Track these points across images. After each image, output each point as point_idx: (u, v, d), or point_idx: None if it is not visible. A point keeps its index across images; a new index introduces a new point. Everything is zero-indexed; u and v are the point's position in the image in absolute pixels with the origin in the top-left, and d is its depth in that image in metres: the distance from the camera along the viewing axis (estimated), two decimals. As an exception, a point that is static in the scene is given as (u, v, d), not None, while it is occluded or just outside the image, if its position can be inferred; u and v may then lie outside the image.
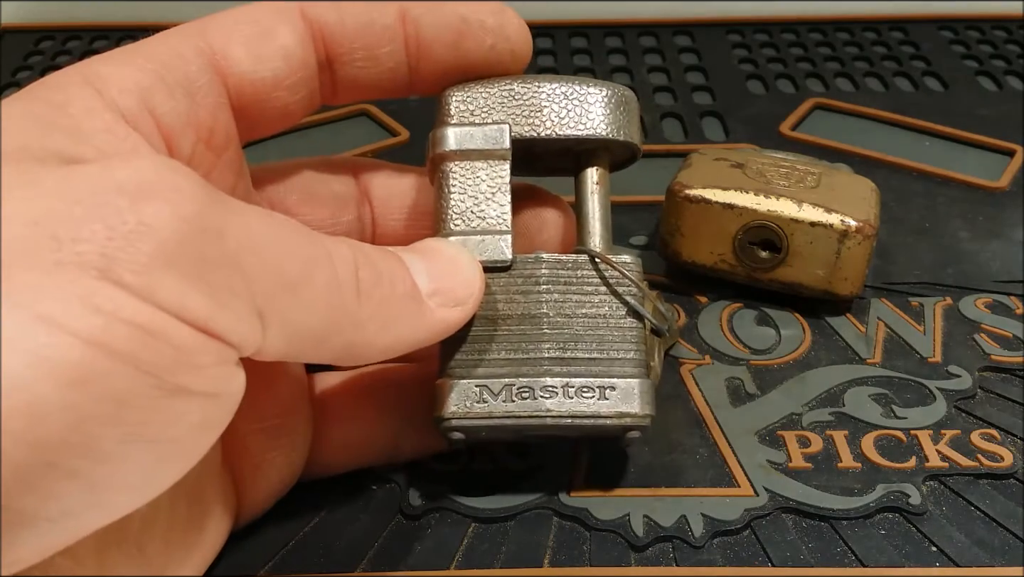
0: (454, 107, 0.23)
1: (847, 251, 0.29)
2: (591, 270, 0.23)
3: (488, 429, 0.22)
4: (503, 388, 0.22)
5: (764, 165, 0.31)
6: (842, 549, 0.23)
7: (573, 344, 0.22)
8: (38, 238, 0.14)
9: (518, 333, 0.22)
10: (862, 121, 0.42)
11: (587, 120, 0.23)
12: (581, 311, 0.23)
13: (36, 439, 0.14)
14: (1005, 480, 0.25)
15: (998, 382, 0.28)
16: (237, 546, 0.23)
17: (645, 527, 0.23)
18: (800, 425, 0.26)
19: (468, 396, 0.22)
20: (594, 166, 0.24)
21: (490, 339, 0.22)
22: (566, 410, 0.22)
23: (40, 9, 0.52)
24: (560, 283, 0.23)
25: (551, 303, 0.23)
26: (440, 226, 0.23)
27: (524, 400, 0.22)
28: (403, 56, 0.23)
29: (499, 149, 0.23)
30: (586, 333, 0.23)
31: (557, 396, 0.22)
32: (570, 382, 0.22)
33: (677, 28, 0.51)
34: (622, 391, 0.22)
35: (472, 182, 0.23)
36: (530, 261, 0.23)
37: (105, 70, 0.19)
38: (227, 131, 0.21)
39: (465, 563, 0.22)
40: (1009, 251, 0.33)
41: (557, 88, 0.23)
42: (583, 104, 0.24)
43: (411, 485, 0.24)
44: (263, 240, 0.17)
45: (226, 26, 0.21)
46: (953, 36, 0.50)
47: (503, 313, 0.23)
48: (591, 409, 0.22)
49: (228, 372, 0.16)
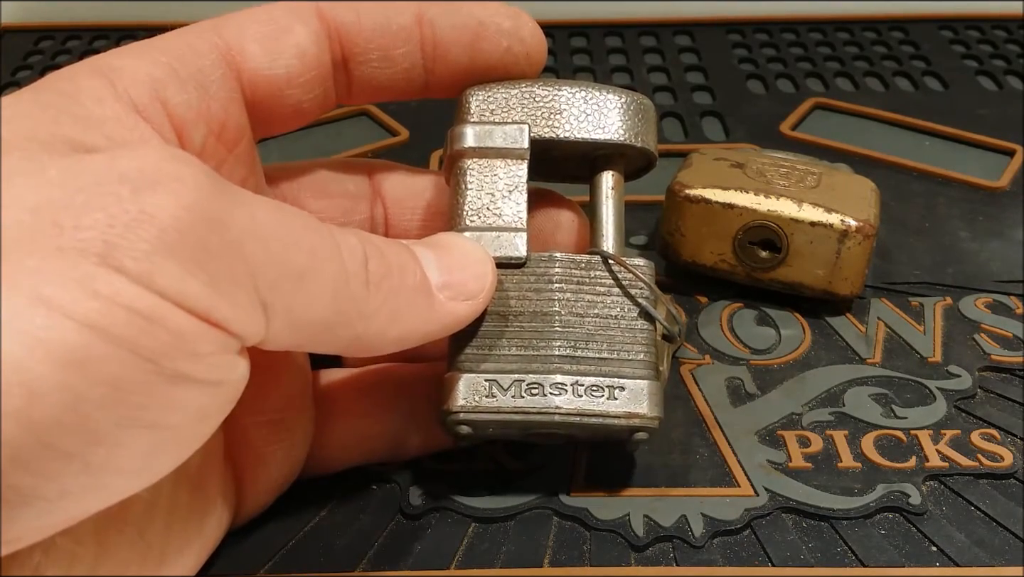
0: (474, 106, 0.23)
1: (847, 251, 0.29)
2: (604, 271, 0.23)
3: (495, 424, 0.22)
4: (512, 383, 0.22)
5: (764, 165, 0.31)
6: (842, 549, 0.23)
7: (584, 343, 0.22)
8: (40, 224, 0.15)
9: (529, 330, 0.22)
10: (862, 121, 0.42)
11: (606, 125, 0.24)
12: (593, 311, 0.23)
13: (32, 419, 0.14)
14: (1005, 480, 0.25)
15: (998, 382, 0.28)
16: (237, 545, 0.23)
17: (645, 527, 0.23)
18: (800, 425, 0.26)
19: (477, 390, 0.22)
20: (610, 171, 0.24)
21: (501, 335, 0.22)
22: (575, 408, 0.22)
23: (40, 9, 0.52)
24: (573, 282, 0.23)
25: (563, 302, 0.23)
26: (455, 222, 0.23)
27: (533, 396, 0.22)
28: (419, 57, 0.23)
29: (518, 148, 0.23)
30: (597, 333, 0.23)
31: (567, 394, 0.22)
32: (580, 380, 0.22)
33: (677, 28, 0.51)
34: (631, 392, 0.22)
35: (489, 180, 0.23)
36: (544, 259, 0.23)
37: (118, 62, 0.19)
38: (239, 126, 0.21)
39: (465, 563, 0.22)
40: (1009, 251, 0.33)
41: (577, 92, 0.24)
42: (602, 109, 0.24)
43: (411, 485, 0.24)
44: (269, 230, 0.17)
45: (242, 23, 0.21)
46: (953, 36, 0.50)
47: (515, 309, 0.23)
48: (600, 408, 0.22)
49: (229, 361, 0.16)
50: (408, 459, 0.25)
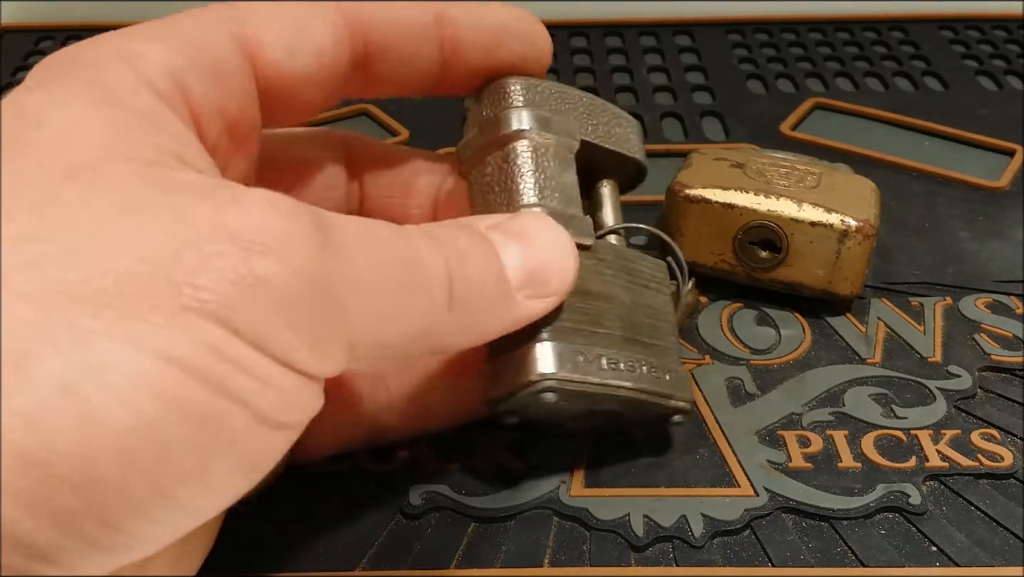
0: (521, 95, 0.24)
1: (847, 251, 0.29)
2: (645, 265, 0.25)
3: (575, 396, 0.22)
4: (595, 358, 0.22)
5: (764, 165, 0.31)
6: (842, 549, 0.23)
7: (638, 328, 0.23)
8: (155, 277, 0.15)
9: (596, 309, 0.23)
10: (862, 121, 0.42)
11: (628, 143, 0.26)
12: (642, 300, 0.24)
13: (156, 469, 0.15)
14: (1005, 480, 0.25)
15: (998, 382, 0.28)
16: (237, 546, 0.23)
17: (645, 527, 0.23)
18: (800, 425, 0.26)
19: (568, 358, 0.21)
20: (612, 180, 0.26)
21: (577, 310, 0.22)
22: (642, 387, 0.23)
23: (40, 9, 0.52)
24: (624, 271, 0.24)
25: (620, 287, 0.23)
26: (519, 198, 0.23)
27: (613, 371, 0.22)
28: (437, 57, 0.22)
29: (572, 141, 0.24)
30: (645, 320, 0.24)
31: (636, 372, 0.23)
32: (640, 361, 0.23)
33: (677, 28, 0.51)
34: (675, 377, 0.24)
35: (548, 164, 0.23)
36: (601, 246, 0.24)
37: (138, 47, 0.19)
38: (252, 120, 0.21)
39: (465, 563, 0.22)
40: (1009, 251, 0.33)
41: (605, 105, 0.25)
42: (625, 127, 0.26)
43: (411, 485, 0.24)
44: (366, 279, 0.17)
45: (262, 15, 0.20)
46: (953, 36, 0.50)
47: (583, 289, 0.22)
48: (660, 389, 0.23)
49: (318, 403, 0.17)
50: (388, 444, 0.25)
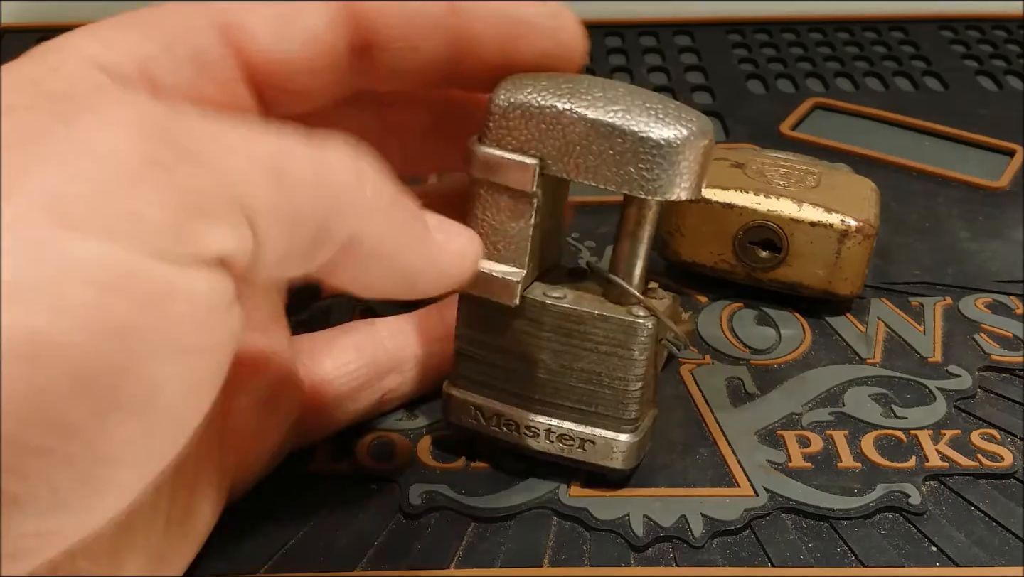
0: (493, 123, 0.21)
1: (847, 251, 0.29)
2: (597, 327, 0.23)
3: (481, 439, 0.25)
4: (493, 415, 0.24)
5: (764, 165, 0.31)
6: (842, 549, 0.23)
7: (564, 394, 0.23)
8: None
9: (516, 369, 0.23)
10: (862, 121, 0.42)
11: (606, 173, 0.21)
12: (578, 364, 0.23)
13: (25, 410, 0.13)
14: (1005, 480, 0.25)
15: (998, 382, 0.28)
16: (237, 545, 0.23)
17: (645, 527, 0.23)
18: (800, 425, 0.26)
19: (466, 411, 0.24)
20: None
21: (493, 364, 0.24)
22: (545, 449, 0.24)
23: (40, 9, 0.52)
24: (563, 333, 0.23)
25: (551, 351, 0.23)
26: None
27: (508, 432, 0.24)
28: (447, 50, 0.21)
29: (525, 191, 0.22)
30: (578, 386, 0.23)
31: (539, 437, 0.24)
32: (553, 428, 0.24)
33: (677, 28, 0.51)
34: (603, 445, 0.23)
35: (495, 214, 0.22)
36: (536, 306, 0.23)
37: (110, 34, 0.18)
38: (242, 107, 0.20)
39: (465, 563, 0.22)
40: (1009, 251, 0.33)
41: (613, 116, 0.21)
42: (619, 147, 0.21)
43: (411, 485, 0.24)
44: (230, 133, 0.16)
45: (249, 1, 0.19)
46: (953, 36, 0.50)
47: (505, 345, 0.23)
48: (569, 455, 0.24)
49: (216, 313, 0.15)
50: (390, 409, 0.26)
